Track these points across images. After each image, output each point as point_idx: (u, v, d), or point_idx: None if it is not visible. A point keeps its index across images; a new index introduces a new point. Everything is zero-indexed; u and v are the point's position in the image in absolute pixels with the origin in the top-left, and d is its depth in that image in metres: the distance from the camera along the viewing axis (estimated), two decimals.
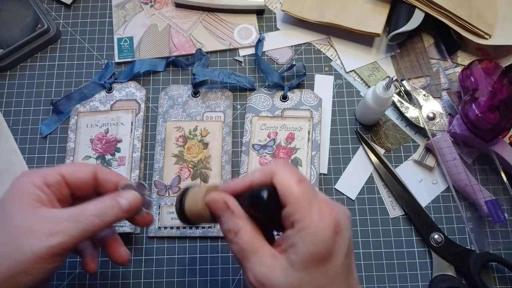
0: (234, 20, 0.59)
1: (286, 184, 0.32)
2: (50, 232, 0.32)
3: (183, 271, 0.48)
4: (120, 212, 0.35)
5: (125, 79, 0.55)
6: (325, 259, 0.30)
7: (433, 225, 0.49)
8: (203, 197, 0.35)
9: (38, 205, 0.34)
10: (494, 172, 0.52)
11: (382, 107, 0.49)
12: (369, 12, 0.56)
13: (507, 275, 0.48)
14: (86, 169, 0.37)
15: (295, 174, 0.32)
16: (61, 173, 0.36)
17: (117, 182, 0.38)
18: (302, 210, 0.30)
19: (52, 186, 0.35)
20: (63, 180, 0.36)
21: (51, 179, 0.36)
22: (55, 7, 0.59)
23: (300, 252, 0.30)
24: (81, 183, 0.37)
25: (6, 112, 0.55)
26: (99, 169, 0.38)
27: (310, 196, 0.31)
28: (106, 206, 0.35)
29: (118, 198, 0.36)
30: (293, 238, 0.30)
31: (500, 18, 0.55)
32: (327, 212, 0.31)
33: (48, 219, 0.33)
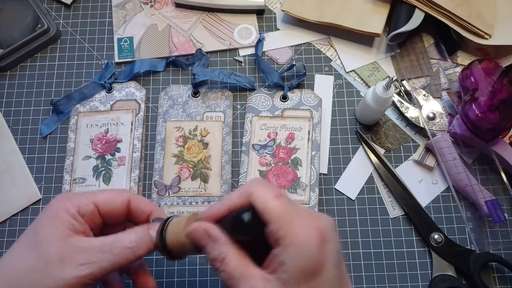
0: (234, 20, 0.59)
1: (264, 202, 0.31)
2: (82, 262, 0.32)
3: (183, 271, 0.48)
4: (152, 246, 0.35)
5: (125, 79, 0.55)
6: (316, 272, 0.29)
7: (433, 225, 0.49)
8: (183, 228, 0.34)
9: (71, 233, 0.34)
10: (494, 172, 0.52)
11: (382, 107, 0.49)
12: (369, 12, 0.56)
13: (507, 275, 0.48)
14: (120, 198, 0.37)
15: (272, 190, 0.32)
16: (95, 202, 0.36)
17: (150, 213, 0.37)
18: (285, 226, 0.30)
19: (85, 216, 0.35)
20: (97, 209, 0.36)
21: (85, 209, 0.35)
22: (55, 7, 0.59)
23: (289, 269, 0.29)
24: (115, 213, 0.37)
25: (6, 112, 0.55)
26: (132, 197, 0.38)
27: (291, 210, 0.31)
28: (139, 239, 0.35)
29: (151, 232, 0.35)
30: (280, 256, 0.30)
31: (500, 18, 0.55)
32: (310, 224, 0.30)
33: (81, 248, 0.33)
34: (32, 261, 0.33)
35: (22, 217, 0.50)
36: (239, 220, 0.32)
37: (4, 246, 0.49)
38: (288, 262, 0.29)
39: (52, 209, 0.35)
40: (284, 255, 0.29)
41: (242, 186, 0.35)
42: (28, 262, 0.33)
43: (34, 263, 0.33)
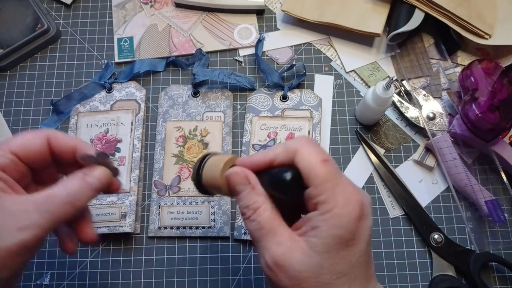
0: (234, 20, 0.59)
1: (309, 164, 0.30)
2: (19, 226, 0.30)
3: (183, 271, 0.48)
4: (91, 193, 0.33)
5: (125, 79, 0.55)
6: (348, 243, 0.29)
7: (433, 225, 0.49)
8: (222, 168, 0.33)
9: (1, 194, 0.31)
10: (494, 172, 0.52)
11: (382, 107, 0.49)
12: (369, 12, 0.56)
13: (507, 275, 0.48)
14: (36, 139, 0.34)
15: (320, 153, 0.31)
16: (11, 150, 0.33)
17: (73, 149, 0.34)
18: (327, 192, 0.29)
19: (7, 169, 0.32)
20: (16, 157, 0.33)
21: (3, 161, 0.32)
22: (55, 7, 0.59)
23: (322, 235, 0.29)
24: (36, 155, 0.34)
25: (6, 112, 0.55)
26: (51, 135, 0.34)
27: (335, 177, 0.30)
28: (76, 190, 0.32)
29: (87, 178, 0.33)
30: (315, 221, 0.29)
31: (500, 18, 0.55)
32: (352, 196, 0.30)
33: (16, 212, 0.30)
34: None
35: None
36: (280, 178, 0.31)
37: None
38: (323, 227, 0.29)
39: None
40: (319, 221, 0.29)
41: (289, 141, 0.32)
42: None
43: None
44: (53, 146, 0.34)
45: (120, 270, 0.48)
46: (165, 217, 0.49)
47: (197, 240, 0.50)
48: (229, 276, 0.48)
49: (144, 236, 0.50)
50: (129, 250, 0.49)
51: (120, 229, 0.48)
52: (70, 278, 0.48)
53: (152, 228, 0.49)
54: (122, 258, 0.49)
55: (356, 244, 0.29)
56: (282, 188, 0.31)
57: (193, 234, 0.49)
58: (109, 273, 0.48)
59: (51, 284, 0.47)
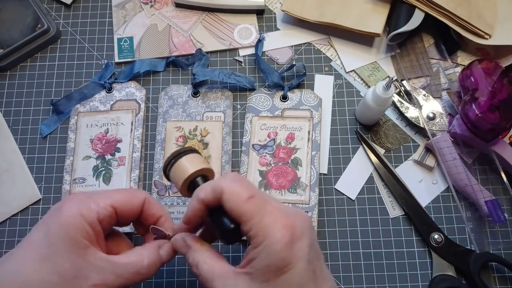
0: (234, 20, 0.59)
1: (235, 204, 0.32)
2: (95, 282, 0.32)
3: (183, 271, 0.48)
4: (160, 265, 0.36)
5: (125, 79, 0.55)
6: (284, 269, 0.30)
7: (433, 225, 0.49)
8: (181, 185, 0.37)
9: (86, 244, 0.33)
10: (494, 172, 0.52)
11: (382, 107, 0.49)
12: (369, 12, 0.56)
13: (507, 275, 0.48)
14: (137, 200, 0.37)
15: (245, 190, 0.33)
16: (113, 204, 0.35)
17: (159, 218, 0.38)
18: (255, 227, 0.31)
19: (103, 221, 0.34)
20: (114, 212, 0.35)
21: (104, 213, 0.34)
22: (55, 7, 0.59)
23: (258, 266, 0.31)
24: (130, 214, 0.37)
25: (6, 112, 0.55)
26: (147, 200, 0.37)
27: (261, 211, 0.32)
28: (152, 264, 0.35)
29: (161, 252, 0.36)
30: (251, 254, 0.31)
31: (500, 18, 0.55)
32: (279, 223, 0.31)
33: (95, 267, 0.32)
34: (47, 275, 0.31)
35: (22, 217, 0.50)
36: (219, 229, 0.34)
37: (4, 246, 0.49)
38: (256, 259, 0.31)
39: (66, 214, 0.33)
40: (253, 253, 0.31)
41: (217, 180, 0.34)
42: (43, 275, 0.31)
43: (49, 277, 0.31)
44: (145, 210, 0.37)
45: None
46: None
47: None
48: None
49: None
50: None
51: (120, 229, 0.48)
52: None
53: None
54: None
55: (293, 268, 0.30)
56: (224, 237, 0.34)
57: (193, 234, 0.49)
58: None
59: None
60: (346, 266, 0.49)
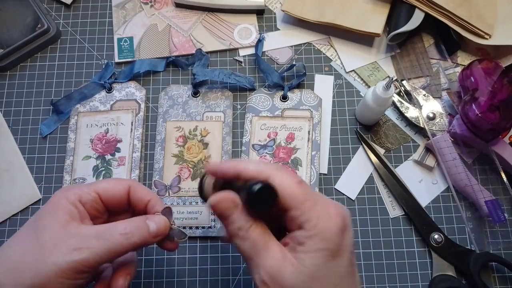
0: (234, 20, 0.59)
1: (286, 187, 0.32)
2: (75, 247, 0.33)
3: (183, 271, 0.48)
4: (147, 236, 0.35)
5: (125, 79, 0.55)
6: (334, 255, 0.31)
7: (433, 225, 0.49)
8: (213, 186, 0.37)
9: (69, 219, 0.34)
10: (494, 172, 0.52)
11: (382, 107, 0.49)
12: (369, 12, 0.56)
13: (507, 275, 0.48)
14: (120, 186, 0.38)
15: (293, 176, 0.33)
16: (96, 190, 0.37)
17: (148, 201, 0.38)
18: (308, 212, 0.31)
19: (86, 204, 0.36)
20: (98, 197, 0.37)
21: (86, 196, 0.36)
22: (55, 7, 0.59)
23: (310, 249, 0.30)
24: (116, 200, 0.38)
25: (6, 112, 0.55)
26: (133, 185, 0.38)
27: (313, 196, 0.32)
28: (134, 227, 0.35)
29: (147, 221, 0.36)
30: (301, 238, 0.31)
31: (500, 18, 0.55)
32: (333, 211, 0.32)
33: (76, 234, 0.34)
34: (28, 245, 0.33)
35: (22, 217, 0.50)
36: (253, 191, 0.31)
37: None
38: (309, 243, 0.30)
39: (54, 198, 0.36)
40: (305, 237, 0.31)
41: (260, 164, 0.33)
42: (24, 246, 0.33)
43: (29, 247, 0.33)
44: (131, 195, 0.38)
45: None
46: None
47: (197, 240, 0.50)
48: (229, 276, 0.48)
49: None
50: None
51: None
52: None
53: None
54: None
55: (342, 255, 0.31)
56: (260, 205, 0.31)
57: (193, 234, 0.49)
58: None
59: None
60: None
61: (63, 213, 0.34)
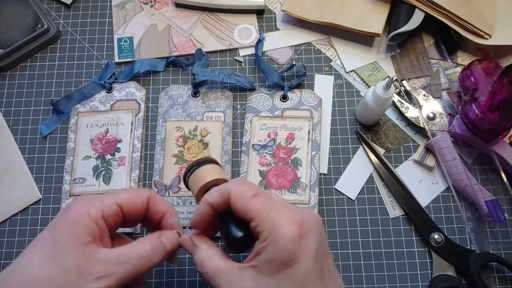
0: (234, 20, 0.59)
1: (242, 203, 0.33)
2: (100, 274, 0.32)
3: (183, 271, 0.48)
4: (165, 254, 0.36)
5: (125, 79, 0.55)
6: (289, 264, 0.31)
7: (433, 225, 0.49)
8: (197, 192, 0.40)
9: (90, 240, 0.33)
10: (494, 172, 0.52)
11: (382, 107, 0.49)
12: (369, 12, 0.56)
13: (507, 275, 0.48)
14: (141, 198, 0.38)
15: (250, 189, 0.34)
16: (118, 203, 0.36)
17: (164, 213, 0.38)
18: (263, 222, 0.32)
19: (108, 219, 0.35)
20: (120, 210, 0.36)
21: (108, 211, 0.35)
22: (55, 7, 0.59)
23: (263, 259, 0.31)
24: (136, 211, 0.37)
25: (6, 112, 0.55)
26: (152, 197, 0.38)
27: (268, 206, 0.33)
28: (154, 248, 0.35)
29: (162, 238, 0.37)
30: (257, 248, 0.32)
31: (500, 18, 0.55)
32: (286, 219, 0.32)
33: (99, 260, 0.33)
34: (52, 270, 0.32)
35: (22, 217, 0.50)
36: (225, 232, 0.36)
37: (4, 246, 0.49)
38: (263, 253, 0.32)
39: (72, 212, 0.34)
40: (260, 247, 0.32)
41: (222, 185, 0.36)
42: (48, 271, 0.32)
43: (53, 272, 0.32)
44: (150, 206, 0.38)
45: None
46: None
47: None
48: None
49: None
50: None
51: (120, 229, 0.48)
52: None
53: None
54: None
55: (299, 263, 0.31)
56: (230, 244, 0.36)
57: None
58: None
59: None
60: (346, 266, 0.49)
61: (85, 233, 0.33)
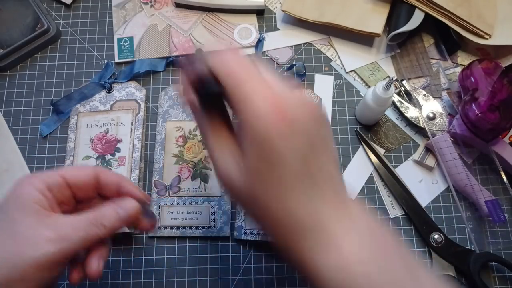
0: (234, 20, 0.59)
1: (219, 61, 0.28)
2: (51, 238, 0.32)
3: (183, 271, 0.48)
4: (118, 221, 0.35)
5: (125, 79, 0.55)
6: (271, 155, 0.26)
7: (433, 225, 0.49)
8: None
9: (39, 208, 0.33)
10: (494, 172, 0.52)
11: (382, 107, 0.49)
12: (369, 12, 0.56)
13: (507, 275, 0.48)
14: (87, 170, 0.37)
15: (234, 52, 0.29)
16: (62, 175, 0.36)
17: (117, 184, 0.38)
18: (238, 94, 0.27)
19: (54, 189, 0.35)
20: (65, 182, 0.36)
21: (52, 182, 0.35)
22: (55, 7, 0.59)
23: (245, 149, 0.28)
24: (83, 184, 0.37)
25: (6, 112, 0.55)
26: (100, 171, 0.38)
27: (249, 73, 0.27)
28: (105, 213, 0.35)
29: (116, 206, 0.36)
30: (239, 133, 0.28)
31: (500, 18, 0.55)
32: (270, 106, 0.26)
33: (50, 225, 0.33)
34: (3, 241, 0.32)
35: None
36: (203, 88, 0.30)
37: None
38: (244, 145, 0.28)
39: (18, 187, 0.35)
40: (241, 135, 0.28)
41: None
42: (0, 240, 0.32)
43: (4, 242, 0.32)
44: (100, 180, 0.38)
45: (120, 270, 0.48)
46: (165, 217, 0.49)
47: (197, 240, 0.50)
48: (229, 276, 0.48)
49: (144, 236, 0.50)
50: (129, 250, 0.49)
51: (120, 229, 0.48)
52: None
53: None
54: (122, 258, 0.49)
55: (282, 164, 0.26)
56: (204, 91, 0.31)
57: (193, 234, 0.49)
58: (109, 273, 0.48)
59: None
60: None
61: (32, 203, 0.33)
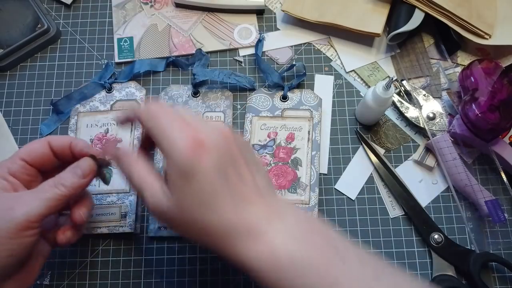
0: (234, 20, 0.59)
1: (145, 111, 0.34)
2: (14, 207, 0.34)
3: (183, 271, 0.48)
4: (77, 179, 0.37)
5: (125, 79, 0.55)
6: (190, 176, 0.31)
7: (433, 225, 0.49)
8: None
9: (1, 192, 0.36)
10: (494, 172, 0.52)
11: (382, 107, 0.49)
12: (369, 12, 0.56)
13: (507, 275, 0.48)
14: (39, 143, 0.39)
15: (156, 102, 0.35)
16: (20, 157, 0.38)
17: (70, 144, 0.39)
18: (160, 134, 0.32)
19: (16, 173, 0.37)
20: (25, 163, 0.38)
21: (13, 167, 0.37)
22: (55, 7, 0.59)
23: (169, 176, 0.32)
24: (41, 156, 0.39)
25: (6, 112, 0.55)
26: (50, 138, 0.40)
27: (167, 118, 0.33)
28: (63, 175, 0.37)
29: (73, 168, 0.38)
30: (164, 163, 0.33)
31: (500, 18, 0.55)
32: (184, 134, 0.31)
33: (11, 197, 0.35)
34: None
35: None
36: None
37: None
38: (168, 170, 0.32)
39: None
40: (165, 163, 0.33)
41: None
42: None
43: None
44: (53, 146, 0.39)
45: (120, 270, 0.48)
46: None
47: None
48: (229, 276, 0.48)
49: (144, 236, 0.50)
50: (129, 250, 0.49)
51: (120, 229, 0.48)
52: (70, 278, 0.48)
53: (152, 228, 0.49)
54: (122, 258, 0.49)
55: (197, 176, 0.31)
56: None
57: None
58: (109, 273, 0.48)
59: (51, 284, 0.47)
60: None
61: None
